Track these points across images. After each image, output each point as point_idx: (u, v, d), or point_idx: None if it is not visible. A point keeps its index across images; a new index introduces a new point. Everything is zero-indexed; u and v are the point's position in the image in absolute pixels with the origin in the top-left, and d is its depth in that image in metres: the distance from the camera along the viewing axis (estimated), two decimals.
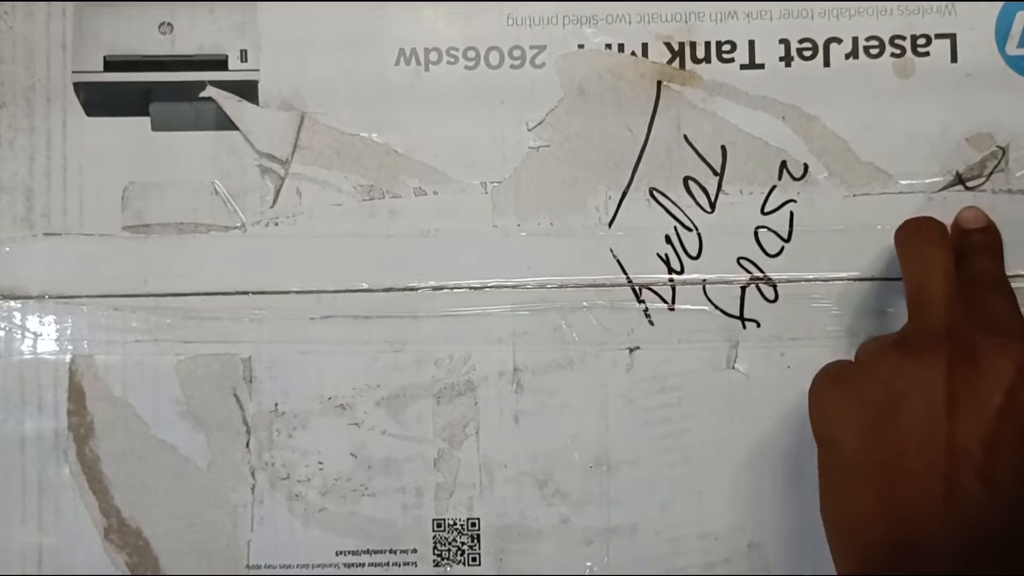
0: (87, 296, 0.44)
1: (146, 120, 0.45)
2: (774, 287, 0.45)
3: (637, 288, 0.45)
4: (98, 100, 0.45)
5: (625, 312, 0.45)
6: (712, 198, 0.45)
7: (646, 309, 0.45)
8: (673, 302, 0.45)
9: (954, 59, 0.45)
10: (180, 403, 0.44)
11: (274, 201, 0.45)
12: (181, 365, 0.44)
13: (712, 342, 0.45)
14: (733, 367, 0.45)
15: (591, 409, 0.45)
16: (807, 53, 0.45)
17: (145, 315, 0.44)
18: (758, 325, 0.45)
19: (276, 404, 0.45)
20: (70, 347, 0.44)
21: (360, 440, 0.45)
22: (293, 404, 0.45)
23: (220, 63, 0.45)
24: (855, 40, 0.45)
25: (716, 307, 0.45)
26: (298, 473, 0.45)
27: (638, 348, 0.45)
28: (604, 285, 0.45)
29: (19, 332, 0.44)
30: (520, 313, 0.45)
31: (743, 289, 0.45)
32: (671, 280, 0.45)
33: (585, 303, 0.45)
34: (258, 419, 0.45)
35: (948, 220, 0.44)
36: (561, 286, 0.45)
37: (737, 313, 0.45)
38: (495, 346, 0.45)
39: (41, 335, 0.44)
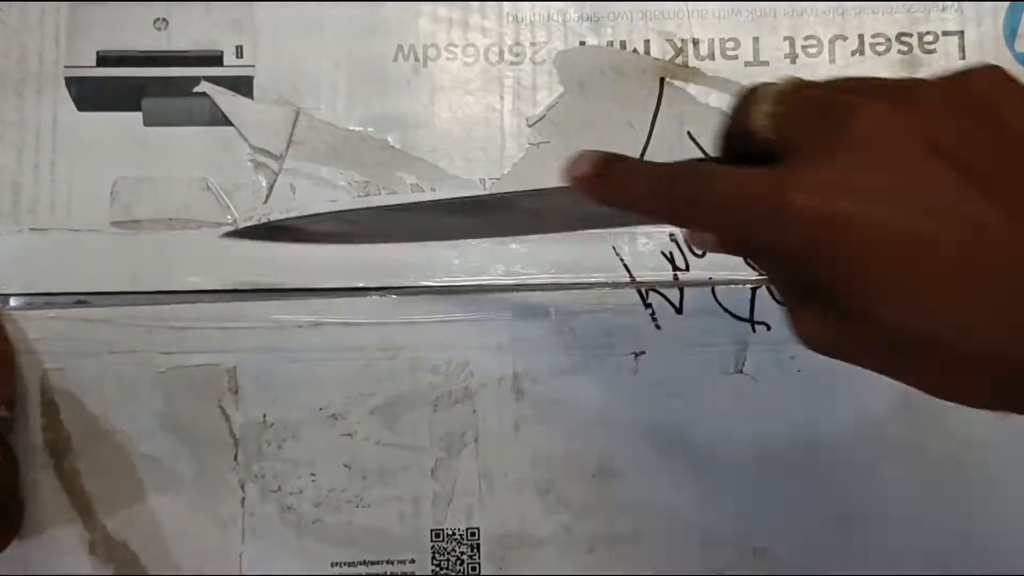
0: (69, 294, 0.43)
1: (138, 115, 0.44)
2: None
3: (643, 292, 0.43)
4: (90, 95, 0.44)
5: (630, 316, 0.43)
6: None
7: (653, 313, 0.43)
8: (681, 305, 0.43)
9: (962, 56, 0.44)
10: (162, 416, 0.43)
11: (267, 197, 0.44)
12: (162, 377, 0.43)
13: (720, 346, 0.43)
14: (741, 371, 0.43)
15: (594, 415, 0.43)
16: (812, 50, 0.44)
17: (123, 325, 0.43)
18: (768, 328, 0.43)
19: (264, 415, 0.43)
20: (43, 360, 0.42)
21: (354, 451, 0.43)
22: (282, 414, 0.43)
23: (215, 59, 0.44)
24: (861, 37, 0.44)
25: (726, 310, 0.43)
26: (290, 485, 0.43)
27: (643, 353, 0.43)
28: (608, 286, 0.43)
29: None
30: (520, 317, 0.43)
31: (753, 291, 0.43)
32: (676, 278, 0.43)
33: (588, 306, 0.43)
34: (246, 430, 0.43)
35: None
36: (563, 288, 0.43)
37: (747, 316, 0.43)
38: (494, 352, 0.43)
39: (15, 347, 0.42)
